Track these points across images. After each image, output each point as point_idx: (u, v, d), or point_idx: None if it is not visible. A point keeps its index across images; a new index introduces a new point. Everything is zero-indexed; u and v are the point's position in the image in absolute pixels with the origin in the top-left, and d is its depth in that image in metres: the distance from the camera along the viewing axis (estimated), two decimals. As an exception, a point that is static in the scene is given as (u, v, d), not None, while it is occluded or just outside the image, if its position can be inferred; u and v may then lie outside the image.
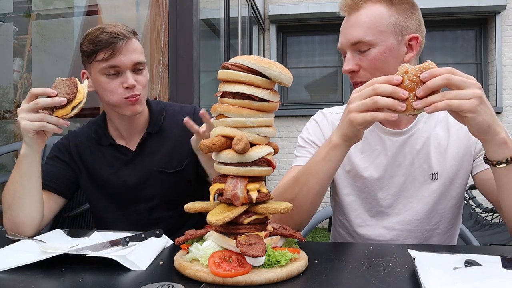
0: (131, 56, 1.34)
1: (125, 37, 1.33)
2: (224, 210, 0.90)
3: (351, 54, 1.22)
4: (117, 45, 1.31)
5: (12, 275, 0.89)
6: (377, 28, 1.18)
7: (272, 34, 6.08)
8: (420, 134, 1.30)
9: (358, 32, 1.19)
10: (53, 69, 3.32)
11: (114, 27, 1.34)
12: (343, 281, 0.86)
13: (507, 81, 5.65)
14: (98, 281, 0.85)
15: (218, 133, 0.92)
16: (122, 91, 1.34)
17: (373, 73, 1.18)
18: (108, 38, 1.31)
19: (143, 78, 1.38)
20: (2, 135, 3.41)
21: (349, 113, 0.99)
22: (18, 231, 1.24)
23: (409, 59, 1.23)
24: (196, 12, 2.73)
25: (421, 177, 1.28)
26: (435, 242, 1.32)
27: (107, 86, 1.34)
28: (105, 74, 1.34)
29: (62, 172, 1.46)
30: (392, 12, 1.20)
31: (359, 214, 1.34)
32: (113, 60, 1.31)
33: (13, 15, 3.51)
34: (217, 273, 0.82)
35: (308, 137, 1.39)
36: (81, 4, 3.46)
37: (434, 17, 5.75)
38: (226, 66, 0.92)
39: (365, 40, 1.18)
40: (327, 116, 1.42)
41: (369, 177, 1.31)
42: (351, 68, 1.21)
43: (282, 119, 5.78)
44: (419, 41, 1.24)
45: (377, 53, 1.19)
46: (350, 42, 1.21)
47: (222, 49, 4.28)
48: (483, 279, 0.76)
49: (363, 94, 0.97)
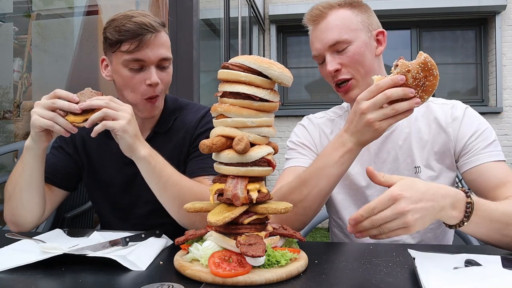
0: (158, 51, 1.26)
1: (154, 29, 1.24)
2: (224, 210, 0.90)
3: (331, 56, 1.29)
4: (145, 37, 1.22)
5: (12, 275, 0.89)
6: (349, 27, 1.28)
7: (272, 34, 6.07)
8: (401, 130, 1.33)
9: (333, 34, 1.27)
10: (53, 69, 3.32)
11: (144, 16, 1.25)
12: (343, 281, 0.86)
13: (507, 81, 5.64)
14: (98, 281, 0.85)
15: (219, 133, 0.92)
16: (144, 90, 1.28)
17: (356, 67, 1.28)
18: (136, 29, 1.22)
19: (167, 76, 1.32)
20: (2, 135, 3.41)
21: (369, 124, 1.01)
22: (16, 223, 1.24)
23: (380, 53, 1.33)
24: (196, 12, 2.73)
25: (406, 171, 1.32)
26: (429, 238, 1.34)
27: (129, 81, 1.27)
28: (128, 67, 1.26)
29: (65, 164, 1.43)
30: (356, 13, 1.31)
31: (351, 211, 1.36)
32: (139, 53, 1.24)
33: (13, 15, 3.51)
34: (217, 273, 0.82)
35: (297, 140, 1.45)
36: (81, 4, 3.46)
37: (434, 17, 5.75)
38: (227, 66, 0.92)
39: (342, 39, 1.26)
40: (312, 120, 1.49)
41: (356, 174, 1.35)
42: (335, 67, 1.28)
43: (282, 119, 5.78)
44: (385, 35, 1.35)
45: (355, 49, 1.27)
46: (328, 45, 1.28)
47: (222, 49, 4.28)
48: (483, 279, 0.76)
49: (377, 102, 0.99)
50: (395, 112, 0.99)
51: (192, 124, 1.42)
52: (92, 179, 1.48)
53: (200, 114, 1.45)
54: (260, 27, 5.97)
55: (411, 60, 0.98)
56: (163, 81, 1.31)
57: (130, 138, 1.12)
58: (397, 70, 0.99)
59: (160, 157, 1.19)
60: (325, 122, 1.46)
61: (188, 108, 1.48)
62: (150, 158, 1.15)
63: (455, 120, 1.29)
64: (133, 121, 1.14)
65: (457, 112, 1.30)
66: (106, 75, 1.36)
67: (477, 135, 1.25)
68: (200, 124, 1.43)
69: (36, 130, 1.15)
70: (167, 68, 1.32)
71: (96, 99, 1.12)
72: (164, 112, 1.45)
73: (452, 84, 5.90)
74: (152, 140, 1.41)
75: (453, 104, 1.33)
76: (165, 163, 1.19)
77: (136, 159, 1.16)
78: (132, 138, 1.12)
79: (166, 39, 1.31)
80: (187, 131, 1.42)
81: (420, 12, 5.67)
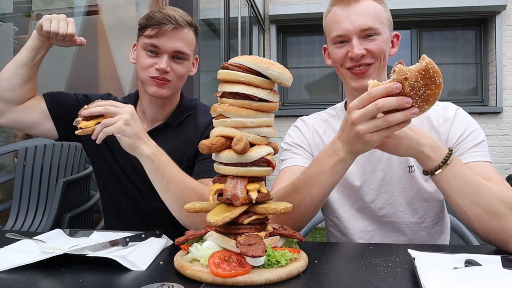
0: (175, 43, 1.34)
1: (176, 22, 1.33)
2: (224, 211, 0.90)
3: (358, 40, 1.26)
4: (165, 27, 1.31)
5: (12, 275, 0.89)
6: (380, 19, 1.28)
7: (272, 34, 6.07)
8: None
9: (367, 20, 1.25)
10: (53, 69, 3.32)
11: (172, 10, 1.36)
12: (343, 281, 0.86)
13: (507, 81, 5.64)
14: (98, 281, 0.85)
15: (218, 133, 0.93)
16: (153, 71, 1.35)
17: (377, 58, 1.27)
18: (160, 18, 1.32)
19: (181, 69, 1.38)
20: (2, 135, 3.41)
21: (359, 135, 0.96)
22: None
23: (393, 54, 1.35)
24: (196, 12, 2.73)
25: (399, 170, 1.32)
26: (424, 237, 1.34)
27: (142, 61, 1.36)
28: (146, 50, 1.36)
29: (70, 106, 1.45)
30: (385, 8, 1.31)
31: (347, 209, 1.37)
32: (156, 39, 1.33)
33: (13, 15, 3.51)
34: (217, 273, 0.82)
35: (291, 141, 1.45)
36: (81, 4, 3.46)
37: (434, 17, 5.75)
38: (226, 66, 0.93)
39: (375, 27, 1.25)
40: (305, 121, 1.49)
41: (350, 173, 1.35)
42: (363, 52, 1.25)
43: (282, 119, 5.78)
44: (399, 40, 1.37)
45: (381, 41, 1.27)
46: (360, 28, 1.25)
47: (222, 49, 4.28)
48: (483, 279, 0.76)
49: (367, 113, 0.93)
50: (387, 124, 0.93)
51: (202, 125, 1.45)
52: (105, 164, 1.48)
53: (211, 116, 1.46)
54: (260, 27, 5.97)
55: (412, 64, 0.89)
56: (175, 71, 1.37)
57: (129, 138, 1.13)
58: (393, 77, 0.90)
59: (165, 156, 1.20)
60: (318, 123, 1.47)
61: (202, 109, 1.52)
62: (153, 157, 1.16)
63: (446, 120, 1.31)
64: (133, 121, 1.15)
65: (448, 113, 1.32)
66: (131, 58, 1.47)
67: (466, 135, 1.26)
68: (210, 127, 1.43)
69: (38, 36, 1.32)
70: (183, 61, 1.39)
71: (95, 106, 1.16)
72: (178, 107, 1.50)
73: (452, 84, 5.89)
74: (162, 131, 1.45)
75: (445, 106, 1.35)
76: (169, 163, 1.19)
77: (140, 157, 1.17)
78: (131, 138, 1.14)
79: (188, 36, 1.38)
80: (197, 131, 1.44)
81: (420, 12, 5.67)
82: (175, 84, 1.40)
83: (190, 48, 1.39)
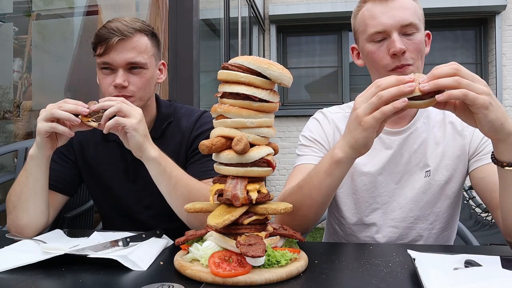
0: (125, 55, 1.27)
1: (121, 34, 1.26)
2: (224, 212, 0.90)
3: (398, 36, 1.20)
4: (111, 41, 1.25)
5: (13, 275, 0.89)
6: (418, 15, 1.24)
7: (272, 34, 6.07)
8: (418, 134, 1.31)
9: (408, 15, 1.21)
10: (53, 69, 3.32)
11: (117, 22, 1.29)
12: (343, 281, 0.86)
13: (507, 81, 5.64)
14: (98, 281, 0.86)
15: (218, 133, 0.93)
16: (112, 90, 1.29)
17: (417, 56, 1.21)
18: (105, 34, 1.26)
19: (139, 80, 1.31)
20: (2, 135, 3.41)
21: (357, 119, 0.94)
22: (21, 232, 1.22)
23: (426, 53, 1.28)
24: (196, 12, 2.73)
25: (416, 175, 1.30)
26: (432, 243, 1.32)
27: (101, 81, 1.32)
28: (101, 69, 1.31)
29: (67, 170, 1.43)
30: (419, 5, 1.27)
31: (355, 213, 1.34)
32: (106, 56, 1.28)
33: (13, 15, 3.51)
34: (217, 273, 0.82)
35: (311, 135, 1.38)
36: (81, 4, 3.46)
37: (434, 17, 5.74)
38: (226, 67, 0.93)
39: (415, 22, 1.21)
40: (327, 115, 1.42)
41: (368, 173, 1.31)
42: (404, 48, 1.19)
43: (282, 119, 5.78)
44: (431, 40, 1.32)
45: (420, 38, 1.22)
46: (401, 24, 1.20)
47: (222, 49, 4.28)
48: (483, 280, 0.76)
49: (368, 95, 0.93)
50: (379, 100, 0.89)
51: (187, 129, 1.42)
52: (92, 182, 1.48)
53: (194, 117, 1.45)
54: (260, 27, 5.97)
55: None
56: (135, 84, 1.30)
57: (141, 137, 1.13)
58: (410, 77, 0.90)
59: (169, 159, 1.19)
60: (340, 118, 1.40)
61: (182, 112, 1.48)
62: (160, 159, 1.16)
63: None
64: (143, 122, 1.15)
65: None
66: (97, 80, 1.40)
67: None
68: (195, 127, 1.43)
69: (41, 136, 1.14)
70: (140, 70, 1.31)
71: (109, 100, 1.14)
72: (157, 117, 1.45)
73: (452, 84, 5.89)
74: None
75: None
76: (174, 165, 1.19)
77: (146, 160, 1.16)
78: (142, 138, 1.13)
79: (139, 44, 1.30)
80: (183, 136, 1.42)
81: (420, 12, 5.67)
82: (140, 96, 1.32)
83: (145, 56, 1.31)
